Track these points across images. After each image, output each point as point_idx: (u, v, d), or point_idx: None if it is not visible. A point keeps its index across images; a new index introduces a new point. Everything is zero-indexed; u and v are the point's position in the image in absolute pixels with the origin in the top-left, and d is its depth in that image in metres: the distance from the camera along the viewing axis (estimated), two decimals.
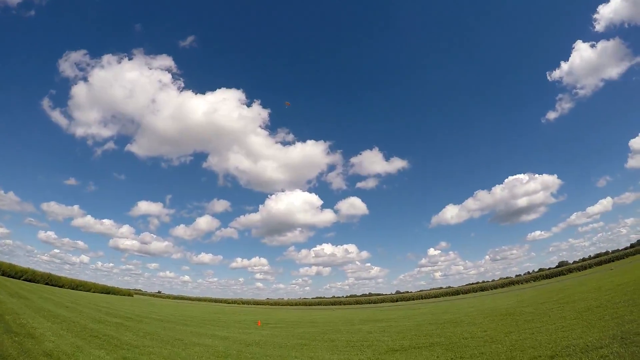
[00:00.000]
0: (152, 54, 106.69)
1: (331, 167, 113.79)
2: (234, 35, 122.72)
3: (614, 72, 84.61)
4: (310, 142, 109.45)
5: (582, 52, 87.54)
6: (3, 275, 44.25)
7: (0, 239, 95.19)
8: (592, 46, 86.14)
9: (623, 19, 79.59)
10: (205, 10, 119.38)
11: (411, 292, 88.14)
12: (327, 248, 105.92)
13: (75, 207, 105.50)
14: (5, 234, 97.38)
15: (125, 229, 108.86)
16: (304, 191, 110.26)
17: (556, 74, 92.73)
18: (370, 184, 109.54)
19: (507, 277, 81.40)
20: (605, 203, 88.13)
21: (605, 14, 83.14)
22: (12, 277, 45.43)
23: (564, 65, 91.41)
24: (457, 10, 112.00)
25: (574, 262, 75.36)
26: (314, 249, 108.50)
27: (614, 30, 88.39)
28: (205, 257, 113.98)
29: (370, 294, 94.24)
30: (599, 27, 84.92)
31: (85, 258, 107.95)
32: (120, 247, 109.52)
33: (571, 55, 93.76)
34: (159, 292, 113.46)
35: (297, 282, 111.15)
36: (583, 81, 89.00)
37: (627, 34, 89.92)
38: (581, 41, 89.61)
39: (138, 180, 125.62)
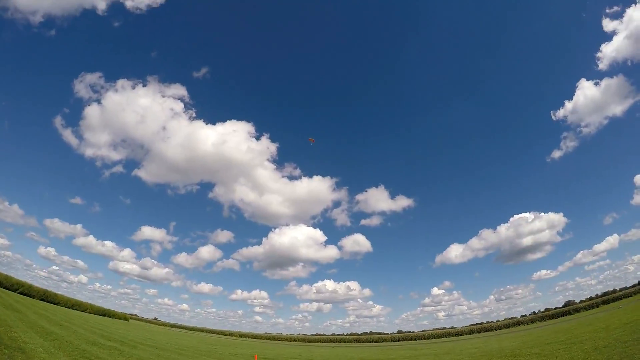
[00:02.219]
0: (167, 82, 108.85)
1: (336, 204, 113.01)
2: (246, 69, 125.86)
3: (618, 109, 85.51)
4: (316, 178, 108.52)
5: (586, 91, 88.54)
6: None
7: (0, 249, 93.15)
8: (596, 84, 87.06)
9: (626, 57, 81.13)
10: (220, 44, 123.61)
11: (413, 331, 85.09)
12: (329, 284, 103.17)
13: (79, 226, 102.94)
14: (6, 246, 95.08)
15: (127, 252, 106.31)
16: (308, 226, 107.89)
17: (560, 113, 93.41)
18: (375, 221, 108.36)
19: (512, 317, 78.72)
20: (612, 240, 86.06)
21: (608, 52, 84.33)
22: (8, 289, 44.59)
23: (568, 104, 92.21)
24: (463, 52, 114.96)
25: (581, 301, 73.03)
26: (316, 284, 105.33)
27: (617, 68, 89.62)
28: (205, 286, 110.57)
29: (371, 333, 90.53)
30: (602, 65, 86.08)
31: (83, 278, 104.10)
32: (119, 270, 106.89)
33: (575, 94, 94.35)
34: (156, 318, 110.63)
35: (297, 317, 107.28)
36: (587, 119, 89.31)
37: (631, 72, 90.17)
38: (585, 79, 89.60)
39: (143, 205, 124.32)
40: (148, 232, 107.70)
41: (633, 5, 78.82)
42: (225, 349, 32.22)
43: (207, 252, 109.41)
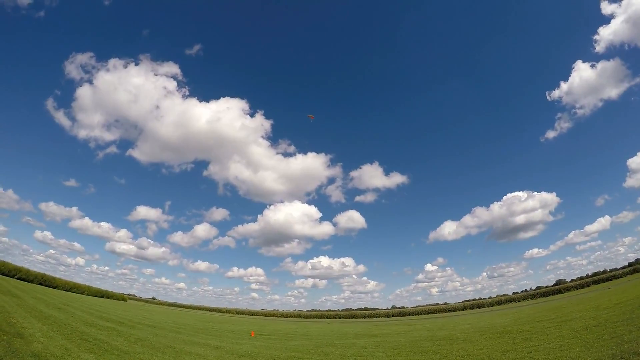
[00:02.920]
0: (159, 60, 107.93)
1: (331, 180, 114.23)
2: (239, 45, 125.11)
3: (613, 92, 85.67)
4: (311, 155, 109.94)
5: (582, 72, 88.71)
6: None
7: None
8: (592, 66, 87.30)
9: (623, 40, 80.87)
10: (212, 21, 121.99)
11: (407, 307, 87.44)
12: (324, 260, 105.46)
13: (74, 208, 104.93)
14: (2, 232, 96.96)
15: (123, 233, 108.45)
16: (303, 203, 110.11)
17: (556, 93, 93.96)
18: (369, 198, 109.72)
19: (504, 295, 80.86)
20: (604, 222, 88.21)
21: (605, 35, 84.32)
22: (6, 275, 45.03)
23: (564, 85, 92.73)
24: (459, 30, 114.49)
25: (572, 280, 74.79)
26: (311, 261, 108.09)
27: (614, 51, 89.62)
28: (202, 265, 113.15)
29: (365, 308, 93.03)
30: (599, 48, 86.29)
31: (80, 260, 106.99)
32: (116, 251, 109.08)
33: (571, 75, 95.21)
34: (153, 298, 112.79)
35: (293, 293, 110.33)
36: (582, 101, 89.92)
37: (627, 55, 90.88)
38: (581, 61, 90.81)
39: (138, 185, 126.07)
40: (143, 211, 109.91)
41: None
42: (222, 326, 32.53)
43: (202, 230, 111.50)
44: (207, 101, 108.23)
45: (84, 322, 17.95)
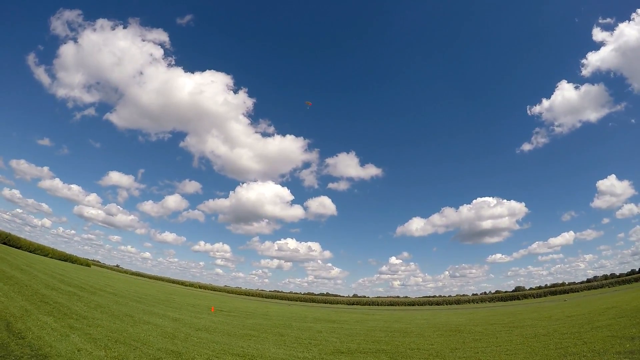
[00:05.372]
0: (148, 26, 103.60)
1: (306, 164, 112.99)
2: (230, 20, 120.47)
3: (592, 115, 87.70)
4: (289, 137, 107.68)
5: (565, 92, 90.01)
6: None
7: None
8: (577, 88, 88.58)
9: (610, 68, 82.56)
10: None
11: (368, 297, 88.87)
12: (291, 243, 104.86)
13: (45, 168, 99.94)
14: None
15: (93, 197, 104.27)
16: (276, 184, 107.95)
17: (536, 109, 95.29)
18: (342, 186, 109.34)
19: (463, 295, 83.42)
20: (568, 237, 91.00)
21: (593, 60, 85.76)
22: None
23: (545, 102, 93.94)
24: (446, 32, 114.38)
25: (530, 288, 77.80)
26: (278, 242, 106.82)
27: (599, 77, 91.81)
28: (169, 236, 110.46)
29: (327, 294, 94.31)
30: (585, 71, 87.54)
31: (47, 222, 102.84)
32: (84, 215, 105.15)
33: (554, 93, 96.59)
34: (118, 265, 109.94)
35: (257, 272, 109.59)
36: (562, 119, 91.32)
37: (612, 83, 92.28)
38: (566, 81, 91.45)
39: (113, 150, 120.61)
40: (116, 177, 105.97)
41: (627, 21, 79.37)
42: (183, 299, 32.49)
43: (173, 201, 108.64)
44: (192, 72, 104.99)
45: (46, 284, 18.04)
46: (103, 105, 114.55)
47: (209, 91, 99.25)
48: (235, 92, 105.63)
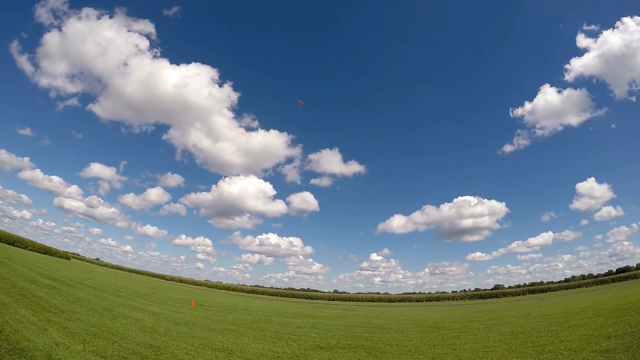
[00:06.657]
0: (134, 16, 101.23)
1: (289, 160, 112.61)
2: (217, 13, 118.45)
3: (574, 119, 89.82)
4: (273, 132, 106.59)
5: (548, 96, 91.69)
6: None
7: None
8: (559, 92, 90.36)
9: (593, 74, 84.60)
10: None
11: (349, 293, 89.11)
12: (272, 238, 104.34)
13: (26, 159, 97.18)
14: None
15: (74, 189, 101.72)
16: (259, 178, 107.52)
17: (519, 111, 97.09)
18: (325, 182, 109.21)
19: (443, 292, 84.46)
20: (547, 237, 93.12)
21: (576, 66, 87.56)
22: None
23: (528, 105, 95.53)
24: (432, 34, 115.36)
25: (509, 287, 79.47)
26: (260, 236, 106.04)
27: (582, 82, 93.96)
28: (150, 229, 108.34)
29: (308, 289, 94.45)
30: (568, 76, 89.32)
31: (27, 214, 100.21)
32: (65, 207, 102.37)
33: (537, 96, 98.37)
34: (98, 258, 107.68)
35: (238, 267, 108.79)
36: (543, 122, 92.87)
37: (594, 88, 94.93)
38: (549, 85, 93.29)
39: (95, 142, 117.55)
40: (97, 169, 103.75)
41: (611, 29, 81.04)
42: (163, 293, 32.20)
43: (155, 194, 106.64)
44: (178, 64, 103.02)
45: (25, 277, 17.92)
46: (86, 95, 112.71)
47: (194, 84, 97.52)
48: (221, 85, 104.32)
